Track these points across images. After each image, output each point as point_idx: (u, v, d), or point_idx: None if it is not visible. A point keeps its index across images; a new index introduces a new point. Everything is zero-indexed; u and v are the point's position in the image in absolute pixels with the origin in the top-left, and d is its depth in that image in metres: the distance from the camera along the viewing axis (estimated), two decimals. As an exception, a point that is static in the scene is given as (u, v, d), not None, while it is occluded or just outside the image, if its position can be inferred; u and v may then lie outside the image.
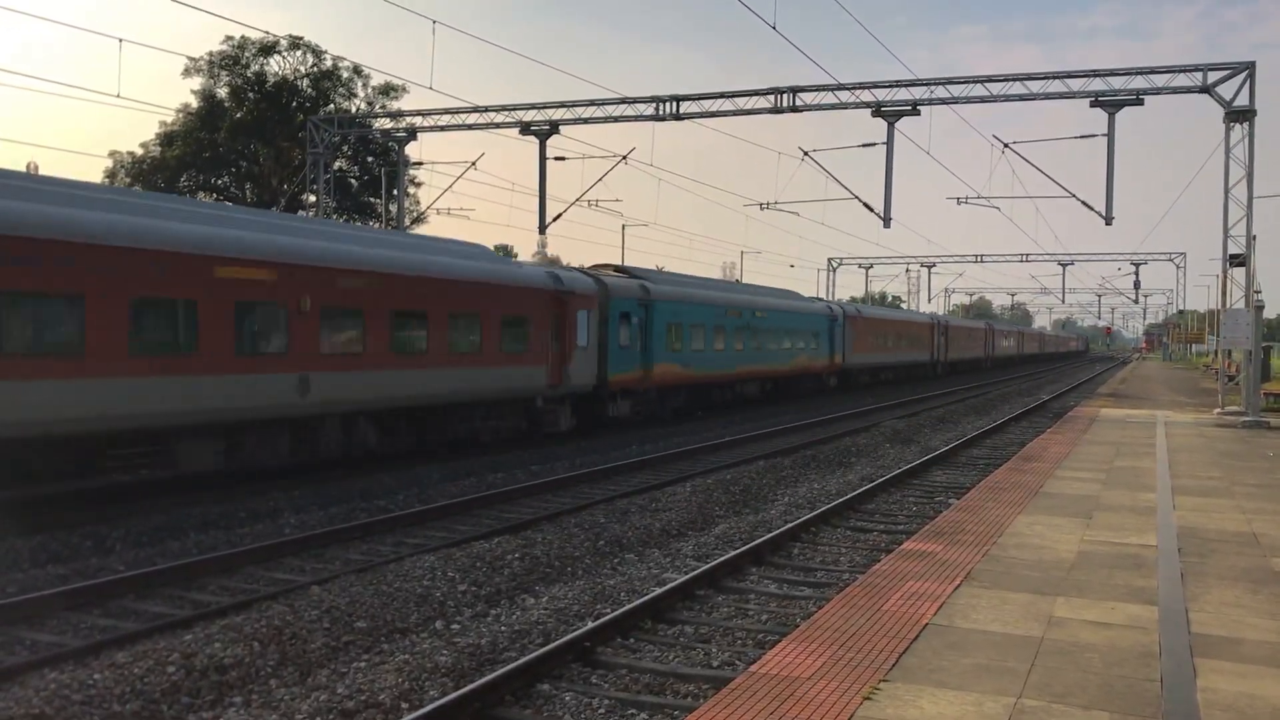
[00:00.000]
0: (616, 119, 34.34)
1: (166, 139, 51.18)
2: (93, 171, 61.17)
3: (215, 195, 52.13)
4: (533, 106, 35.60)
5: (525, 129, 35.59)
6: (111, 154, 51.63)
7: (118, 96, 46.31)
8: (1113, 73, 30.42)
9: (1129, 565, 10.12)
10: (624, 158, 37.25)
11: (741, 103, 32.98)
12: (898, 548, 11.04)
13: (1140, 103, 29.99)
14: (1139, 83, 30.10)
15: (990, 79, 31.38)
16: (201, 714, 7.54)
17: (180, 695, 7.72)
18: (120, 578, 10.98)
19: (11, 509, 13.80)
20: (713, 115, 33.43)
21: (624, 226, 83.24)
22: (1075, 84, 30.71)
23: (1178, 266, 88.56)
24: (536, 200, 36.57)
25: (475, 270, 21.97)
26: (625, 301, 28.00)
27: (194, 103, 51.66)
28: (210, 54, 51.02)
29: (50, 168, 64.53)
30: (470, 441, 22.21)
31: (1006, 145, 34.38)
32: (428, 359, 20.21)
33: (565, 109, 35.10)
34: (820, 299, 52.79)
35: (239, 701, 7.78)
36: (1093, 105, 30.49)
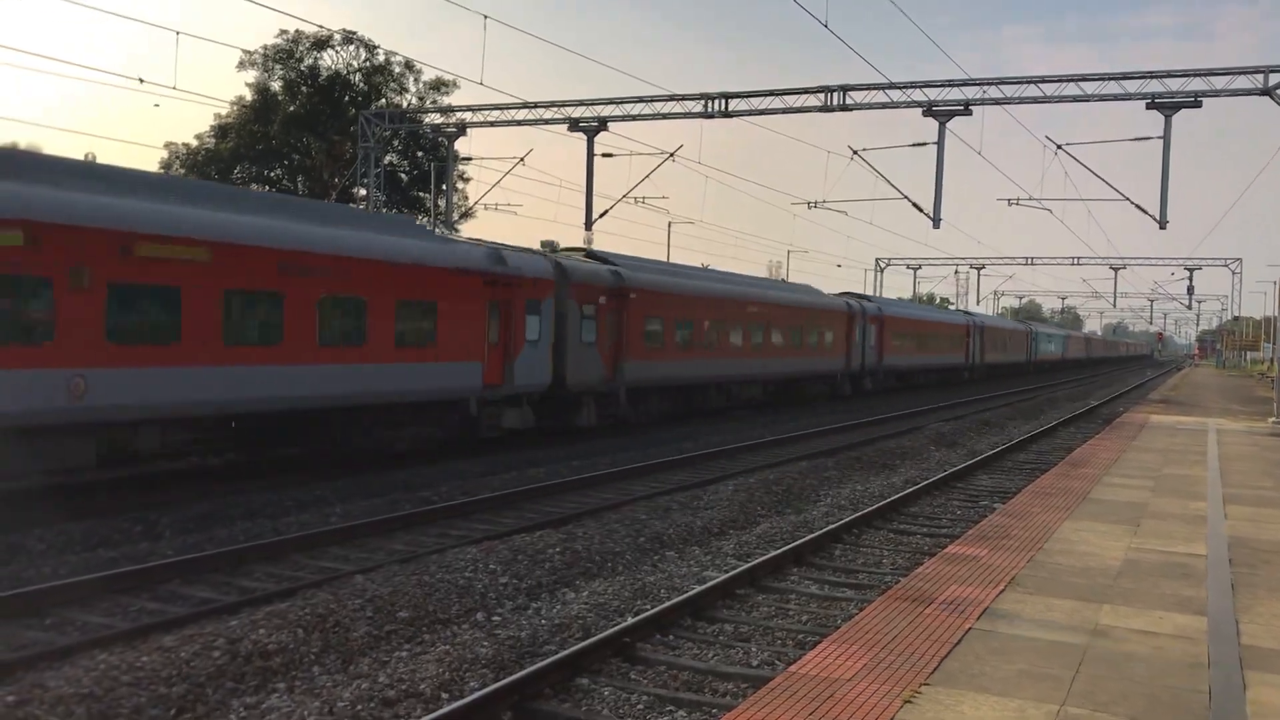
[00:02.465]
0: (665, 116, 34.33)
1: (221, 131, 51.86)
2: (149, 162, 62.19)
3: (268, 187, 52.75)
4: (582, 103, 35.67)
5: (574, 125, 35.67)
6: (167, 145, 52.37)
7: (174, 88, 46.99)
8: (1170, 74, 29.94)
9: (1177, 574, 9.97)
10: (671, 155, 37.26)
11: (791, 101, 32.85)
12: (941, 551, 10.95)
13: (1198, 105, 29.50)
14: (1197, 84, 29.62)
15: (1044, 79, 31.00)
16: (245, 699, 7.64)
17: (225, 680, 7.83)
18: (168, 563, 11.17)
19: (64, 492, 14.07)
20: (762, 113, 33.32)
21: (670, 224, 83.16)
22: (1131, 85, 30.27)
23: (1233, 272, 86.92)
24: (583, 196, 36.69)
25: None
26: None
27: (248, 95, 52.32)
28: (265, 47, 51.66)
29: (106, 158, 65.47)
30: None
31: (1059, 147, 33.97)
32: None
33: (614, 105, 35.12)
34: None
35: (282, 688, 7.87)
36: (1149, 107, 30.04)
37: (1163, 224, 31.72)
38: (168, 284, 14.45)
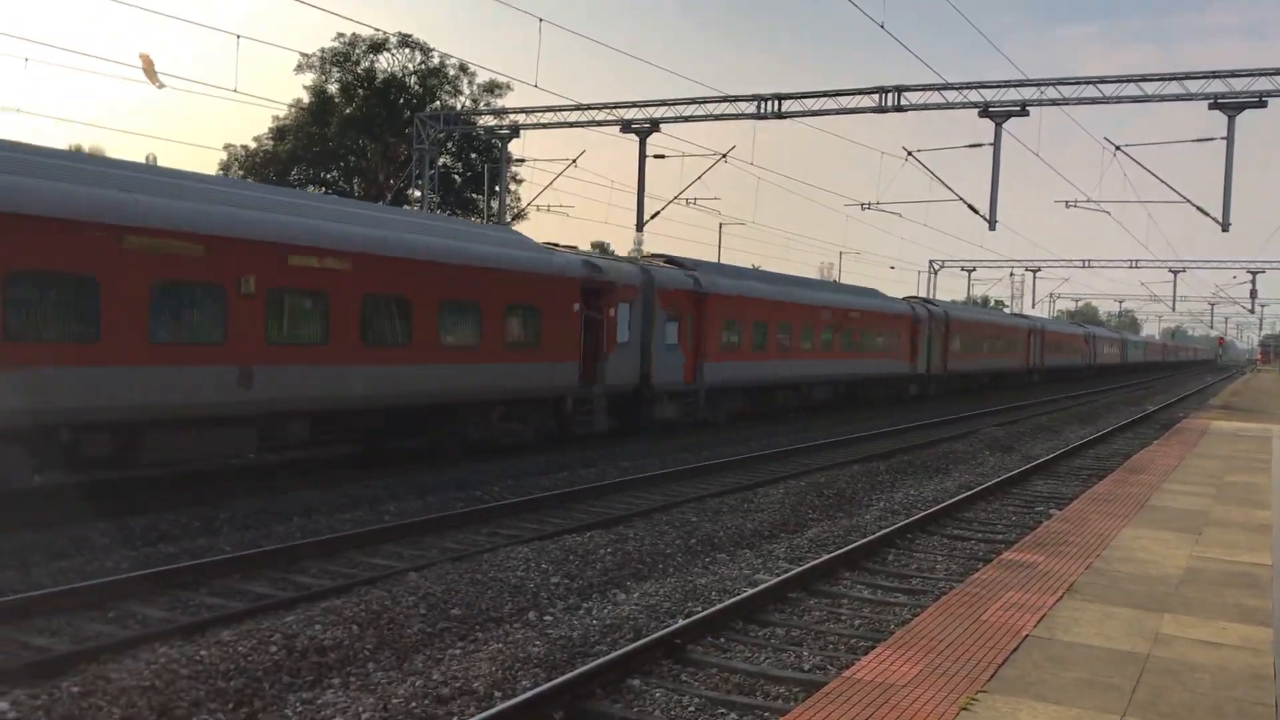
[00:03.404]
0: (718, 117, 34.25)
1: (278, 133, 52.54)
2: (208, 163, 63.16)
3: (324, 189, 53.32)
4: (634, 104, 35.69)
5: (626, 127, 35.69)
6: (226, 147, 53.18)
7: (234, 91, 47.61)
8: (1234, 74, 29.33)
9: (1241, 584, 9.76)
10: (724, 156, 37.18)
11: (845, 101, 32.63)
12: (997, 557, 10.83)
13: (1263, 105, 28.87)
14: (1263, 84, 28.98)
15: (1103, 80, 30.53)
16: (301, 694, 7.73)
17: (281, 675, 7.93)
18: (226, 558, 11.34)
19: (126, 487, 14.35)
20: (815, 114, 33.13)
21: (720, 225, 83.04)
22: (1194, 85, 29.71)
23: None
24: (635, 197, 36.72)
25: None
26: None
27: (306, 98, 52.98)
28: (322, 50, 52.28)
29: (167, 160, 66.59)
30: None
31: (1118, 148, 33.45)
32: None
33: (666, 107, 35.09)
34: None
35: (337, 683, 7.96)
36: (1212, 107, 29.46)
37: (1225, 226, 31.11)
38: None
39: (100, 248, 12.91)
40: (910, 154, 36.35)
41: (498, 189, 45.15)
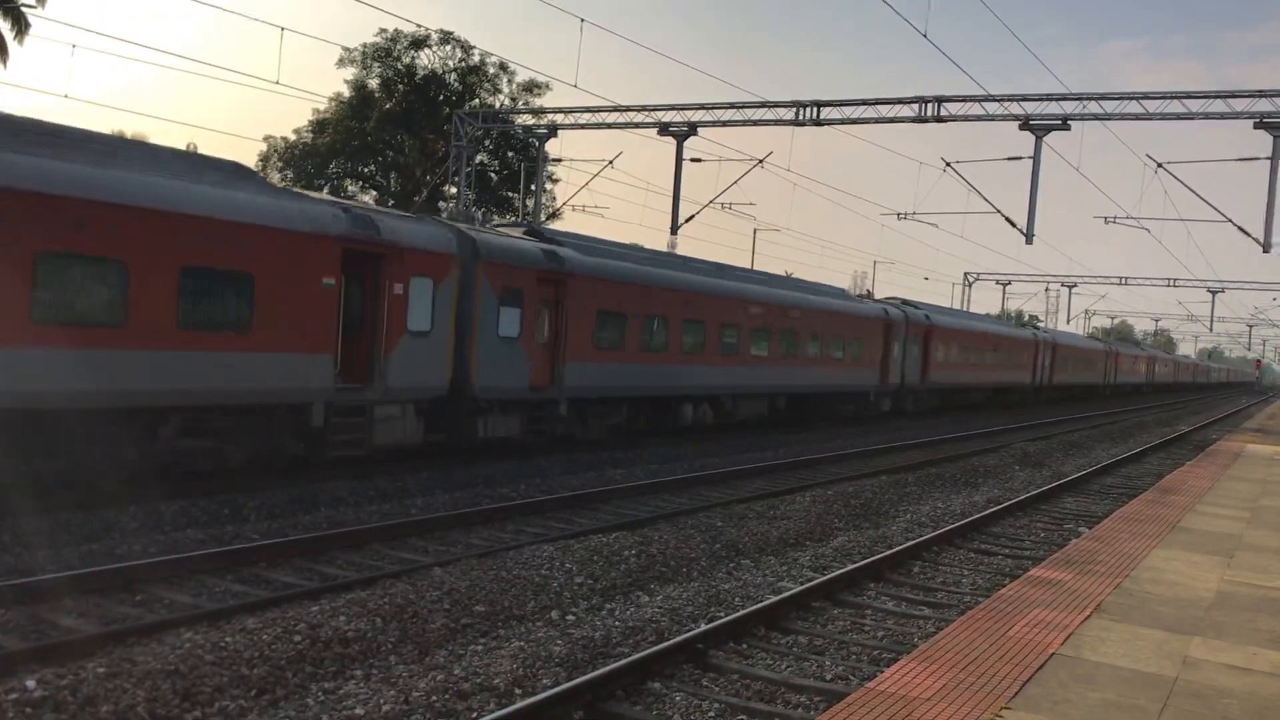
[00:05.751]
0: (756, 122, 34.17)
1: (318, 126, 52.87)
2: (248, 154, 63.69)
3: (361, 183, 53.62)
4: (672, 107, 35.63)
5: (664, 129, 35.63)
6: (266, 138, 53.55)
7: (276, 83, 47.77)
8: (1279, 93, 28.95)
9: (1273, 609, 9.62)
10: (760, 161, 37.08)
11: (884, 110, 32.44)
12: (1024, 574, 10.74)
13: (1310, 125, 28.44)
14: (1309, 104, 28.56)
15: (1146, 96, 30.20)
16: (324, 684, 7.77)
17: (305, 664, 7.97)
18: (254, 546, 11.42)
19: (158, 472, 14.45)
20: (854, 122, 32.94)
21: (755, 230, 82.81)
22: (1239, 104, 29.30)
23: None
24: (670, 200, 36.66)
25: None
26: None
27: (346, 92, 53.31)
28: (364, 45, 52.56)
29: (207, 149, 67.12)
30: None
31: (1160, 165, 33.09)
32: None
33: (704, 110, 35.03)
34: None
35: (359, 675, 8.00)
36: (1257, 127, 29.06)
37: (1266, 247, 30.66)
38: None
39: None
40: (949, 165, 36.11)
41: (534, 188, 45.26)
